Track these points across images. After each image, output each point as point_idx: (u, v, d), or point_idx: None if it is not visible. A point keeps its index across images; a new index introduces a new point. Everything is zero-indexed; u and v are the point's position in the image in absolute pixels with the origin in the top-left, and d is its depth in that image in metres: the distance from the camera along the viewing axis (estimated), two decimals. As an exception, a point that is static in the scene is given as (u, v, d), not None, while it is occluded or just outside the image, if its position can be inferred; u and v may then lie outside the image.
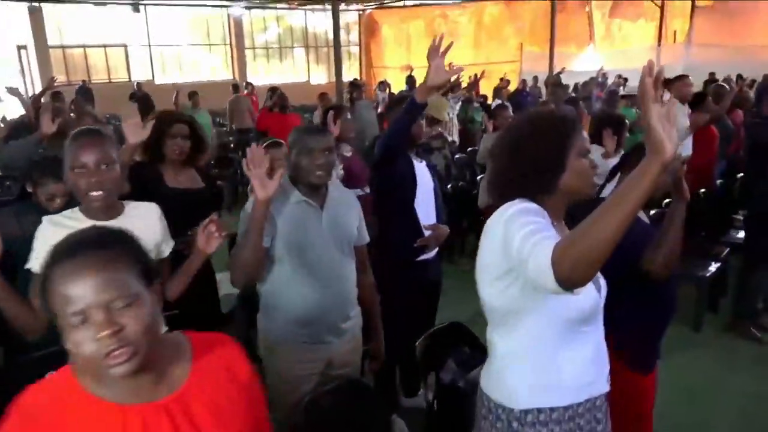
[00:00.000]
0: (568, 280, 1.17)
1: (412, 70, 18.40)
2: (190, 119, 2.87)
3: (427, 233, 2.91)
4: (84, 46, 18.64)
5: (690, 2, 18.52)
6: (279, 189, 2.06)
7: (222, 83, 20.83)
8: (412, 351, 2.34)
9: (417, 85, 7.94)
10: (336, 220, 2.19)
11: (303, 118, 7.67)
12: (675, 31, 18.77)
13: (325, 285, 2.16)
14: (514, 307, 1.49)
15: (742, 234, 4.75)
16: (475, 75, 9.92)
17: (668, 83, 5.58)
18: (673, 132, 1.10)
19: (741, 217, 4.91)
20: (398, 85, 16.27)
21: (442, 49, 2.35)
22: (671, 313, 2.29)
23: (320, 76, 25.16)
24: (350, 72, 26.82)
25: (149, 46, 20.10)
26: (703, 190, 5.17)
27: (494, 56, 22.96)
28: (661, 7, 18.92)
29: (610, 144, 4.03)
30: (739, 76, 13.49)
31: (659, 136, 1.09)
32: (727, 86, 6.54)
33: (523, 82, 13.12)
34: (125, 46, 19.61)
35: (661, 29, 18.76)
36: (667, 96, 1.19)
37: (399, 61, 25.27)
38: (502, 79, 14.10)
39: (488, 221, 1.48)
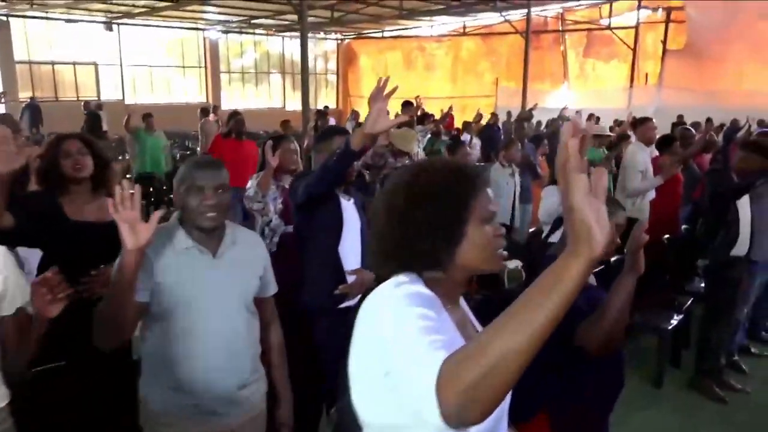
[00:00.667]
0: (456, 418, 0.85)
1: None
2: (88, 137, 2.55)
3: (350, 278, 2.60)
4: (53, 63, 18.22)
5: (661, 45, 18.79)
6: (163, 232, 1.75)
7: (195, 106, 20.59)
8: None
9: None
10: (232, 270, 1.88)
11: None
12: (647, 74, 19.00)
13: (215, 346, 1.83)
14: (394, 423, 1.10)
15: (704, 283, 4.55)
16: (450, 107, 9.71)
17: (634, 126, 5.43)
18: (602, 212, 0.81)
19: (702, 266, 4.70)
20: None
21: (386, 92, 2.06)
22: (618, 391, 1.99)
23: (296, 102, 24.95)
24: (326, 100, 26.83)
25: (120, 65, 19.73)
26: (667, 236, 4.96)
27: (470, 90, 23.13)
28: (633, 49, 19.17)
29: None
30: (708, 120, 13.64)
31: (586, 221, 0.80)
32: (692, 130, 6.44)
33: (494, 116, 13.00)
34: (95, 64, 19.23)
35: (633, 71, 18.98)
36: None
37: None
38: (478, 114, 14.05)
39: (366, 300, 1.13)
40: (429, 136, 8.86)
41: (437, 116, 13.45)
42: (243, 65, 24.04)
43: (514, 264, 4.76)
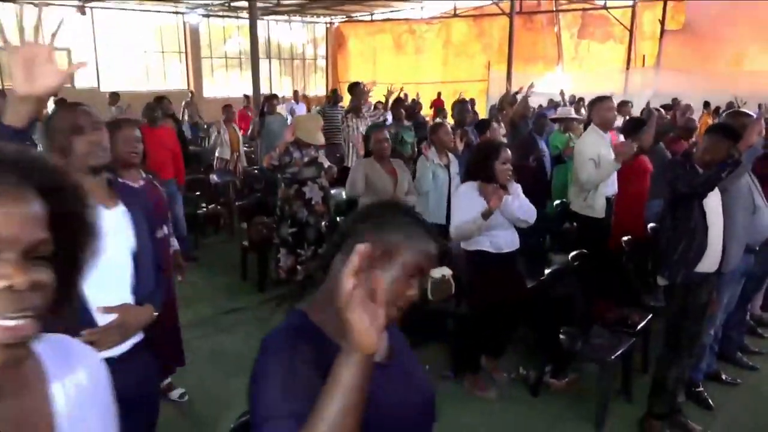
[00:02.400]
0: None
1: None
2: None
3: (103, 320, 1.83)
4: (21, 49, 17.46)
5: (659, 25, 17.82)
6: None
7: (176, 93, 19.86)
8: None
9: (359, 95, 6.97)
10: None
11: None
12: (644, 55, 18.06)
13: None
14: None
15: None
16: (401, 89, 8.92)
17: (591, 105, 4.63)
18: (379, 314, 0.88)
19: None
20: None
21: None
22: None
23: (286, 89, 24.27)
24: (316, 86, 26.04)
25: (95, 51, 18.97)
26: (626, 238, 4.18)
27: (462, 74, 22.27)
28: (630, 30, 18.22)
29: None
30: (706, 104, 12.77)
31: (358, 327, 0.87)
32: (662, 111, 5.61)
33: (471, 101, 12.17)
34: (68, 50, 18.46)
35: (630, 52, 18.04)
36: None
37: (365, 75, 24.55)
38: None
39: None
40: (383, 119, 8.05)
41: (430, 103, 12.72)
42: (226, 51, 23.20)
43: (440, 273, 3.98)
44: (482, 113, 15.05)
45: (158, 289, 2.03)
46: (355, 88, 8.41)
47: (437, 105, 16.93)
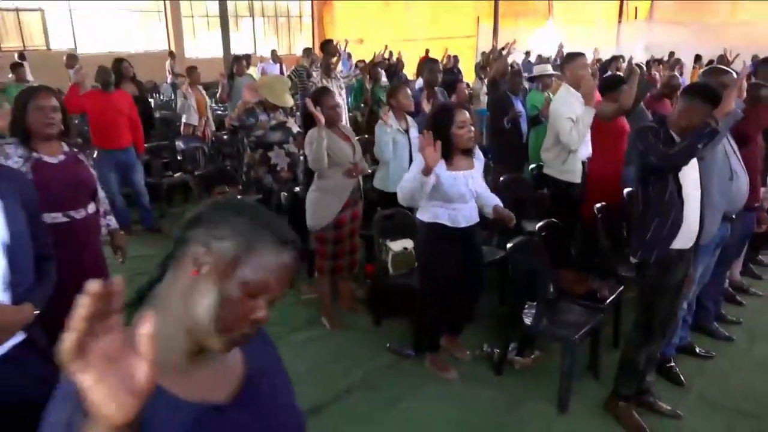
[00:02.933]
0: None
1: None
2: None
3: None
4: (-7, 9, 16.87)
5: (652, -24, 17.26)
6: None
7: (156, 54, 19.28)
8: None
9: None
10: None
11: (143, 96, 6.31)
12: (636, 8, 17.51)
13: None
14: None
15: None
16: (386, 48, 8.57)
17: (563, 63, 4.33)
18: (139, 368, 0.67)
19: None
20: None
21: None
22: None
23: (270, 48, 23.64)
24: (302, 44, 25.37)
25: (70, 11, 18.33)
26: (599, 204, 3.95)
27: (452, 30, 21.64)
28: (623, -19, 17.67)
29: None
30: (697, 57, 12.39)
31: (98, 397, 0.65)
32: (644, 68, 5.30)
33: (454, 58, 11.75)
34: (41, 10, 17.84)
35: (622, 5, 17.49)
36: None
37: (352, 33, 23.92)
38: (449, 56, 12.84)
39: None
40: (355, 82, 7.74)
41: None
42: (208, 9, 22.47)
43: (401, 246, 3.77)
44: (471, 70, 14.67)
45: (42, 283, 1.80)
46: (327, 45, 8.04)
47: (425, 63, 16.52)
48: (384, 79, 10.52)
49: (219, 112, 9.15)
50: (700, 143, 2.52)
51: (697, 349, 3.64)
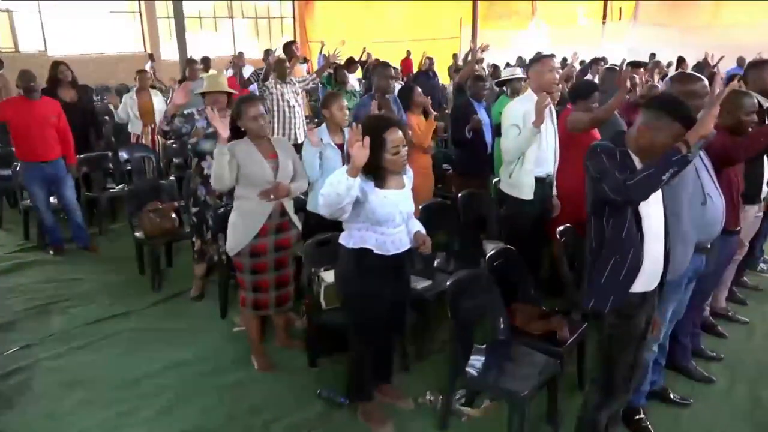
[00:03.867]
0: None
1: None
2: None
3: None
4: (-43, 10, 16.28)
5: (636, -24, 16.93)
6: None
7: (130, 57, 18.76)
8: None
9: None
10: None
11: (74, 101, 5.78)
12: (620, 8, 17.16)
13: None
14: None
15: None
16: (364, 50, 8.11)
17: (528, 65, 3.89)
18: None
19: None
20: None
21: None
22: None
23: (254, 49, 23.20)
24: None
25: (39, 12, 17.77)
26: (562, 227, 3.50)
27: (434, 32, 21.27)
28: (606, -19, 17.32)
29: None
30: (680, 59, 12.02)
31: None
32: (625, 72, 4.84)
33: (429, 60, 11.30)
34: (9, 11, 17.26)
35: (606, 6, 17.13)
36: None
37: (334, 34, 23.54)
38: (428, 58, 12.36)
39: None
40: (314, 86, 7.25)
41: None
42: (189, 10, 21.90)
43: (333, 277, 3.30)
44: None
45: None
46: (286, 47, 7.58)
47: (406, 66, 16.04)
48: (352, 82, 10.09)
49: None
50: (665, 173, 2.05)
51: (672, 395, 3.19)
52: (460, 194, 4.43)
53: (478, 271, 3.01)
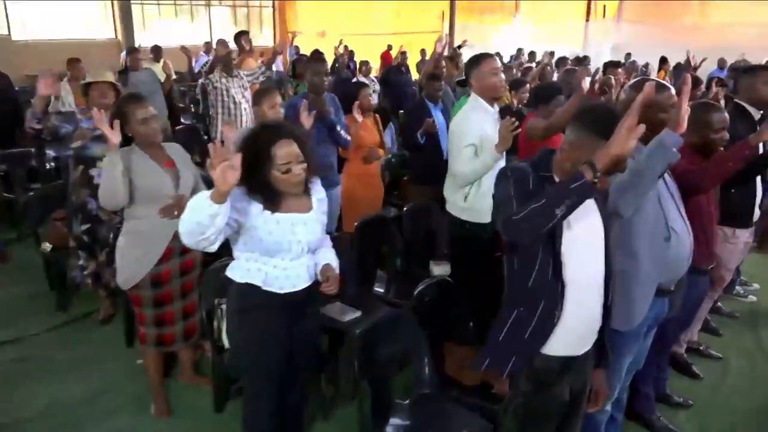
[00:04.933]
0: None
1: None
2: None
3: None
4: None
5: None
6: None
7: (101, 43, 18.07)
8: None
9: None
10: None
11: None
12: (605, 6, 16.73)
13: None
14: None
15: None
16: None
17: (467, 67, 3.38)
18: None
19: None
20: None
21: None
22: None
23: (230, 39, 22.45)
24: (263, 36, 24.26)
25: (2, -7, 16.97)
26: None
27: (417, 25, 20.76)
28: (591, -23, 16.88)
29: None
30: (663, 60, 11.62)
31: None
32: (581, 71, 4.37)
33: (402, 55, 10.78)
34: (-32, -7, 16.49)
35: (590, 4, 16.70)
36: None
37: (314, 25, 23.05)
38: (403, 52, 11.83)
39: None
40: (264, 79, 6.69)
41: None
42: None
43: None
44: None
45: None
46: (237, 37, 7.02)
47: (386, 60, 15.46)
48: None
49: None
50: (560, 206, 1.54)
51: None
52: (405, 207, 3.94)
53: (395, 313, 2.52)
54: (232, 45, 6.61)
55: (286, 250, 2.17)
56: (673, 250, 2.17)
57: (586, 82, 3.39)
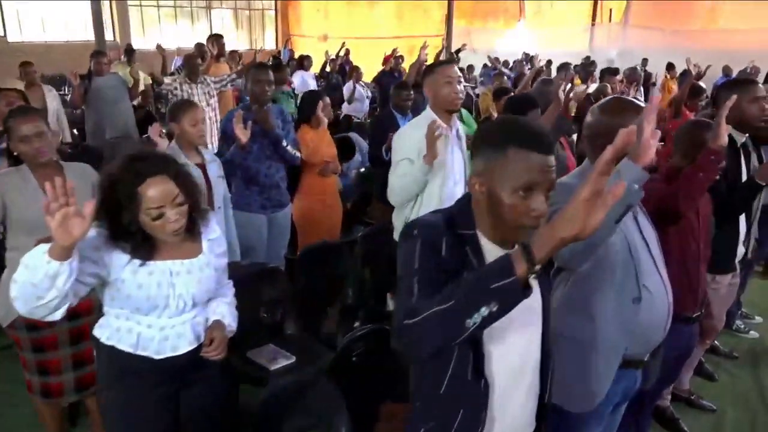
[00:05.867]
0: None
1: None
2: None
3: None
4: None
5: (628, -24, 16.02)
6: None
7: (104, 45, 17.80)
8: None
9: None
10: None
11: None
12: (611, 10, 16.24)
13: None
14: None
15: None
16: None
17: (423, 76, 2.95)
18: None
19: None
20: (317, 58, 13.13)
21: None
22: None
23: (241, 42, 22.40)
24: (267, 40, 24.04)
25: (-3, -5, 16.78)
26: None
27: (418, 29, 20.38)
28: (597, -19, 16.41)
29: None
30: (669, 66, 11.15)
31: None
32: (556, 80, 3.93)
33: (396, 60, 10.38)
34: (-39, -8, 16.31)
35: (596, 7, 16.22)
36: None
37: (317, 29, 22.84)
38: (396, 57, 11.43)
39: None
40: (235, 85, 6.27)
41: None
42: (159, -2, 21.01)
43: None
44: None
45: None
46: (209, 40, 6.60)
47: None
48: (308, 81, 9.16)
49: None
50: (474, 314, 1.03)
51: None
52: (360, 234, 3.52)
53: (307, 377, 2.10)
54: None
55: (162, 306, 1.75)
56: (644, 314, 1.72)
57: (562, 94, 2.98)
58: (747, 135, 2.79)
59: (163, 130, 2.74)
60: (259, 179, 3.38)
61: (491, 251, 1.26)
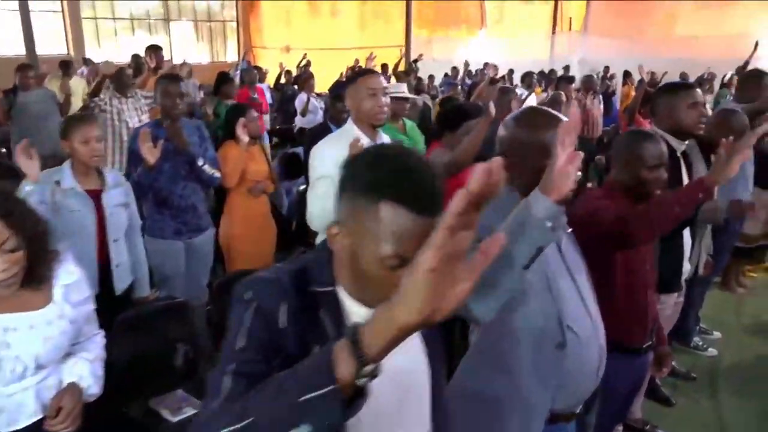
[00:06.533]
0: None
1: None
2: None
3: None
4: None
5: (586, -16, 16.12)
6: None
7: (55, 59, 17.25)
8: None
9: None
10: None
11: None
12: (570, 18, 16.29)
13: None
14: None
15: None
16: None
17: (347, 83, 2.71)
18: None
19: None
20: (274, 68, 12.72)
21: None
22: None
23: (201, 54, 22.06)
24: (229, 52, 23.70)
25: (-58, 8, 16.15)
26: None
27: (381, 39, 20.25)
28: (556, -12, 16.48)
29: None
30: (626, 74, 11.15)
31: None
32: (515, 91, 3.72)
33: (351, 70, 10.16)
34: None
35: (556, 15, 16.26)
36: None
37: (279, 41, 22.61)
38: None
39: None
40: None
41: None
42: (115, 11, 20.56)
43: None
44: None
45: None
46: (147, 51, 6.24)
47: (352, 75, 14.85)
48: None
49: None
50: (296, 426, 0.71)
51: None
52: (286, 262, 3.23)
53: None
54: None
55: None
56: (571, 361, 1.46)
57: (492, 106, 2.75)
58: (687, 142, 2.58)
59: (32, 150, 2.40)
60: (173, 202, 3.07)
61: (357, 312, 0.98)
